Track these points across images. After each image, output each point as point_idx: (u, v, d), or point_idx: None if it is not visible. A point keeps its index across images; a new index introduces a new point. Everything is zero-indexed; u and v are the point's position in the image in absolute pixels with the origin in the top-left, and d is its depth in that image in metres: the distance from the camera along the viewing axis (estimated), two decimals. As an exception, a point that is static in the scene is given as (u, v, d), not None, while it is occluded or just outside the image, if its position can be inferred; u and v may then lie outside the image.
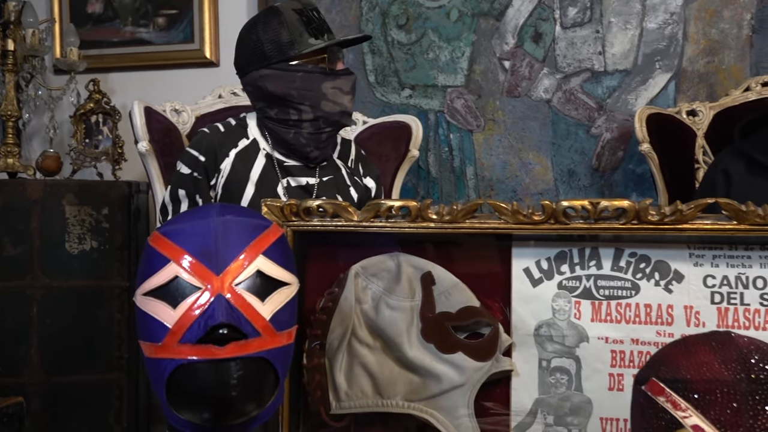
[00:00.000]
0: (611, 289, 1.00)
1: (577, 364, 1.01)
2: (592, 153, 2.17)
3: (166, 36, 2.49)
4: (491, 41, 2.20)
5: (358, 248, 1.09)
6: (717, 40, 2.07)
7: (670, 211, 0.93)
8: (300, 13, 1.34)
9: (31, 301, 2.07)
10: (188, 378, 0.71)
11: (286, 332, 0.76)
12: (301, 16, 1.34)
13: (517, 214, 0.98)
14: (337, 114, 1.34)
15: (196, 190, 1.38)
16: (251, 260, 0.74)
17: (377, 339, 1.07)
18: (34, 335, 2.07)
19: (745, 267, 0.96)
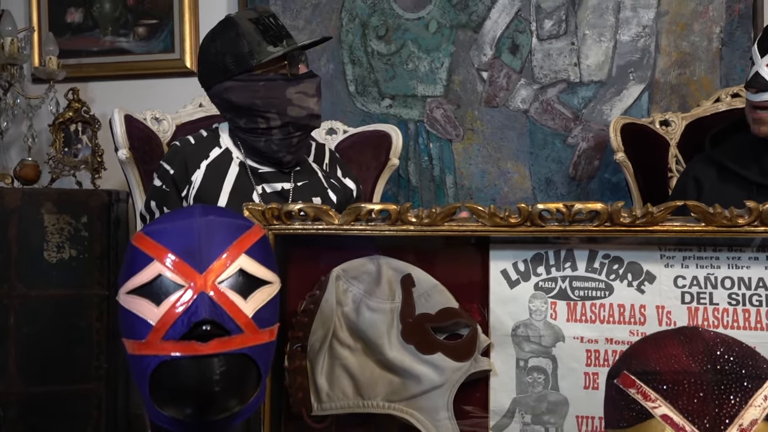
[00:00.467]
0: (586, 289, 1.03)
1: (554, 363, 1.03)
2: (568, 162, 2.21)
3: (146, 45, 2.49)
4: (469, 52, 2.25)
5: (339, 251, 1.11)
6: (688, 53, 2.13)
7: (641, 213, 0.97)
8: (256, 22, 1.35)
9: (9, 310, 2.05)
10: (171, 374, 0.72)
11: (268, 329, 0.78)
12: (257, 25, 1.34)
13: (494, 217, 1.01)
14: (305, 118, 1.36)
15: (164, 203, 1.40)
16: (234, 259, 0.76)
17: (358, 341, 1.09)
18: (11, 344, 2.04)
19: (714, 268, 0.99)
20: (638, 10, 2.15)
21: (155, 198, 1.42)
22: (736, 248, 0.99)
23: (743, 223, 0.94)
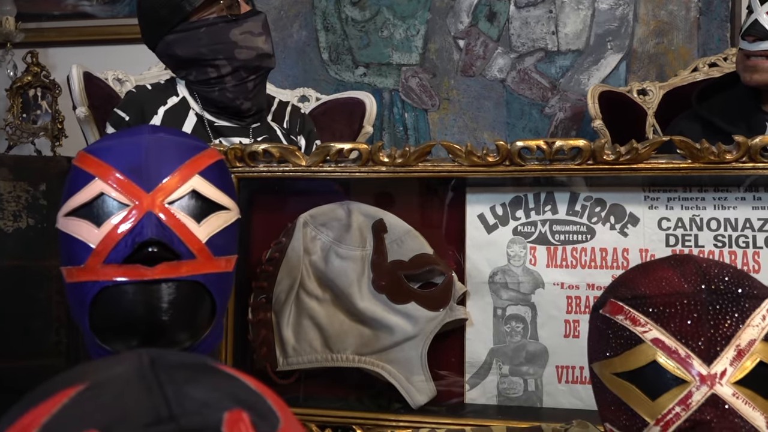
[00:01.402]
0: (567, 233, 0.97)
1: (533, 311, 0.98)
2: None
3: (110, 10, 2.39)
4: (446, 20, 2.19)
5: (307, 196, 1.04)
6: (666, 22, 2.10)
7: (625, 150, 0.92)
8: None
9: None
10: (114, 302, 0.65)
11: (225, 258, 0.70)
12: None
13: (471, 156, 0.95)
14: (256, 59, 1.28)
15: None
16: (186, 179, 0.68)
17: (326, 291, 1.02)
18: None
19: (700, 209, 0.94)
20: (617, -23, 2.12)
21: None
22: (722, 188, 0.94)
23: (731, 159, 0.89)
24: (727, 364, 0.57)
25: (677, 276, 0.63)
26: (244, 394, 0.37)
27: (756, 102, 1.36)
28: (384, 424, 0.96)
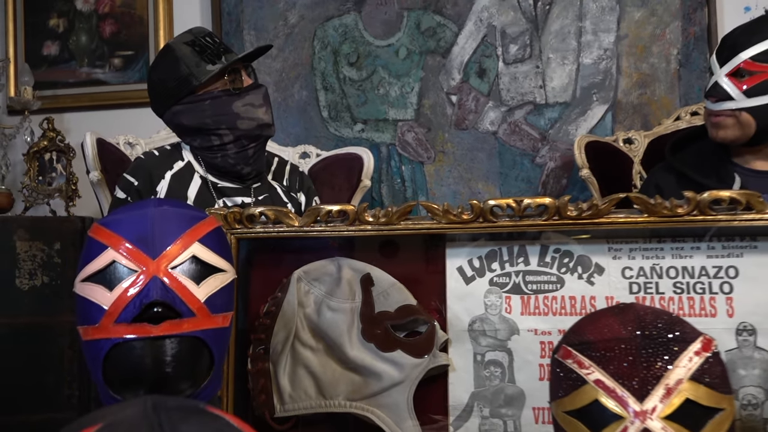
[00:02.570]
0: (538, 283, 1.07)
1: (510, 356, 1.06)
2: (537, 181, 2.28)
3: (122, 76, 2.56)
4: (438, 77, 2.33)
5: (300, 254, 1.14)
6: (648, 74, 2.23)
7: (587, 206, 1.02)
8: (192, 44, 1.40)
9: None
10: (124, 356, 0.75)
11: (222, 315, 0.81)
12: (194, 47, 1.40)
13: (448, 214, 1.06)
14: (256, 128, 1.40)
15: None
16: (186, 246, 0.80)
17: (320, 341, 1.12)
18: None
19: (659, 258, 1.04)
20: (599, 34, 2.26)
21: None
22: (678, 239, 1.04)
23: (683, 212, 0.99)
24: (657, 401, 0.66)
25: (617, 323, 0.72)
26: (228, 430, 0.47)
27: (725, 154, 1.46)
28: (374, 467, 1.04)
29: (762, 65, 1.34)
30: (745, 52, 1.35)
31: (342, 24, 2.38)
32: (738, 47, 1.35)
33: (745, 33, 1.37)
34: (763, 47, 1.34)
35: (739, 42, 1.36)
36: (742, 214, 0.98)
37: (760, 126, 1.36)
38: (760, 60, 1.34)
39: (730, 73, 1.36)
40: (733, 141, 1.41)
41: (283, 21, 2.41)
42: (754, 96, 1.33)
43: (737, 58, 1.35)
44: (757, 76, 1.34)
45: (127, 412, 0.48)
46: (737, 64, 1.36)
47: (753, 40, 1.34)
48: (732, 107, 1.35)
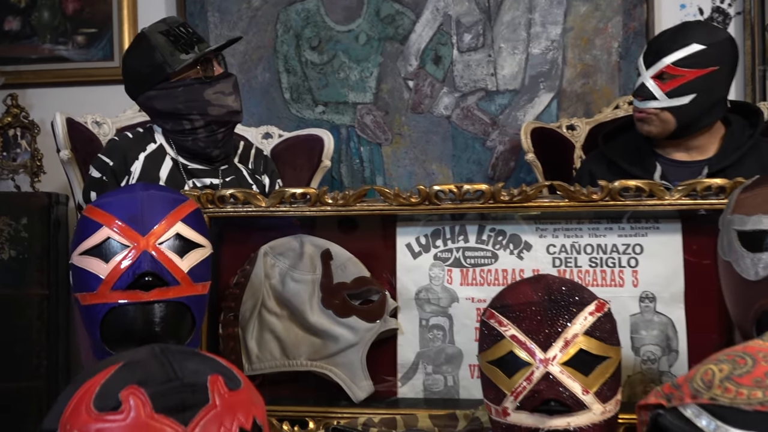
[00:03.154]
0: (476, 258, 1.25)
1: (450, 321, 1.24)
2: (487, 163, 2.46)
3: (85, 53, 2.62)
4: (396, 63, 2.47)
5: (266, 231, 1.29)
6: (591, 65, 2.42)
7: (517, 192, 1.19)
8: (167, 34, 1.51)
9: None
10: (119, 318, 0.89)
11: (201, 284, 0.96)
12: (168, 36, 1.51)
13: (398, 198, 1.22)
14: (226, 115, 1.53)
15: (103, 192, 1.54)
16: (171, 225, 0.94)
17: (284, 308, 1.27)
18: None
19: (578, 237, 1.23)
20: (547, 26, 2.43)
21: (94, 188, 1.56)
22: (594, 220, 1.22)
23: (597, 198, 1.17)
24: (558, 351, 0.84)
25: (530, 290, 0.90)
26: (219, 367, 0.63)
27: (649, 145, 1.66)
28: (331, 416, 1.21)
29: (682, 70, 1.53)
30: (668, 58, 1.53)
31: (304, 9, 2.50)
32: (662, 53, 1.54)
33: (669, 40, 1.56)
34: (684, 54, 1.52)
35: (664, 48, 1.54)
36: (647, 200, 1.17)
37: (679, 123, 1.56)
38: (681, 65, 1.53)
39: (654, 76, 1.55)
40: (656, 135, 1.60)
41: (246, 4, 2.51)
42: (674, 97, 1.53)
43: (661, 62, 1.54)
44: (677, 80, 1.53)
45: (140, 354, 0.63)
46: (661, 68, 1.54)
47: (675, 47, 1.53)
48: (655, 106, 1.54)
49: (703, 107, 1.53)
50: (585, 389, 0.83)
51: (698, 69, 1.51)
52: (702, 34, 1.54)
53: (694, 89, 1.51)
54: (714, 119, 1.58)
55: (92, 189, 1.57)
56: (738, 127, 1.59)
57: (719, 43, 1.54)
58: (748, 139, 1.56)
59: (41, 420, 1.86)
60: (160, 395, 0.56)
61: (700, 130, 1.58)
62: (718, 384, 0.56)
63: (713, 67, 1.51)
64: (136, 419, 0.54)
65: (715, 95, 1.54)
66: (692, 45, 1.51)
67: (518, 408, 0.85)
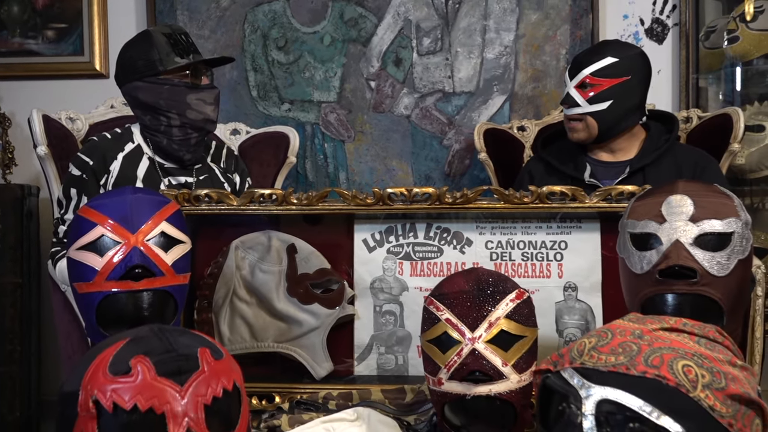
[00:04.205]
0: (424, 252, 1.44)
1: (401, 307, 1.44)
2: (444, 161, 2.66)
3: (56, 48, 2.72)
4: (359, 64, 2.65)
5: (237, 227, 1.47)
6: (541, 70, 2.63)
7: (459, 195, 1.39)
8: (168, 36, 1.68)
9: (-75, 298, 2.24)
10: (112, 305, 1.06)
11: (183, 275, 1.13)
12: (169, 39, 1.67)
13: (356, 199, 1.40)
14: (202, 121, 1.68)
15: (83, 189, 1.69)
16: (157, 224, 1.11)
17: (253, 296, 1.45)
18: (-72, 329, 2.24)
19: (512, 234, 1.43)
20: (501, 32, 2.63)
21: (74, 185, 1.70)
22: (527, 220, 1.43)
23: (528, 201, 1.38)
24: (483, 332, 1.04)
25: (463, 280, 1.10)
26: (206, 341, 0.81)
27: (581, 149, 1.88)
28: (295, 391, 1.40)
29: (600, 79, 1.75)
30: (587, 69, 1.75)
31: (271, 10, 2.65)
32: (582, 65, 1.76)
33: (588, 54, 1.79)
34: (600, 65, 1.75)
35: (584, 61, 1.76)
36: (570, 204, 1.38)
37: (601, 127, 1.78)
38: (598, 75, 1.75)
39: (577, 86, 1.76)
40: (585, 140, 1.82)
41: (215, 4, 2.65)
42: (594, 103, 1.74)
43: (581, 73, 1.76)
44: (596, 88, 1.75)
45: (142, 332, 0.80)
46: (582, 78, 1.76)
47: (593, 59, 1.75)
48: (579, 112, 1.76)
49: (619, 112, 1.76)
50: (504, 362, 1.03)
51: (613, 78, 1.73)
52: (615, 49, 1.77)
53: (610, 96, 1.73)
54: (631, 123, 1.80)
55: (72, 186, 1.70)
56: (656, 132, 1.83)
57: (630, 56, 1.77)
58: (665, 142, 1.79)
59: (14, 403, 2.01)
60: (161, 363, 0.73)
61: (621, 133, 1.80)
62: (586, 353, 0.76)
63: (626, 76, 1.74)
64: (143, 381, 0.72)
65: (629, 102, 1.77)
66: (607, 58, 1.74)
67: (450, 378, 1.04)
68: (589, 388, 0.72)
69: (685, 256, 1.00)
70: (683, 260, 0.99)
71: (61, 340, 1.87)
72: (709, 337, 0.76)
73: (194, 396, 0.72)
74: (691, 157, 1.80)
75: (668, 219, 1.03)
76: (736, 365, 0.74)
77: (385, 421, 1.18)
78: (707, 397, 0.69)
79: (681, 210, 1.02)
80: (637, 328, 0.76)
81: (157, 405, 0.70)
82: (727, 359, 0.74)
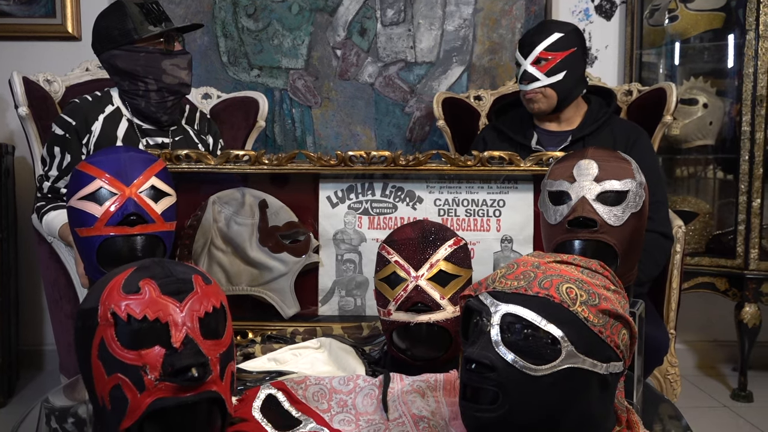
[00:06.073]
0: (380, 208, 1.67)
1: (360, 256, 1.67)
2: (406, 127, 2.88)
3: (27, 9, 2.84)
4: (326, 33, 2.83)
5: (214, 184, 1.67)
6: (497, 42, 2.85)
7: (412, 158, 1.62)
8: (141, 6, 1.85)
9: None
10: (110, 247, 1.27)
11: (170, 223, 1.34)
12: (142, 9, 1.84)
13: (320, 160, 1.62)
14: (177, 85, 1.87)
15: (66, 148, 1.87)
16: (148, 178, 1.31)
17: (228, 246, 1.66)
18: None
19: (458, 193, 1.67)
20: (460, 5, 2.84)
21: (58, 144, 1.88)
22: (470, 181, 1.67)
23: (471, 164, 1.61)
24: (425, 271, 1.28)
25: (410, 229, 1.33)
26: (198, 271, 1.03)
27: (531, 119, 2.12)
28: (266, 328, 1.63)
29: (552, 53, 1.98)
30: (540, 46, 1.98)
31: (241, -22, 2.80)
32: (534, 43, 1.98)
33: (537, 33, 2.01)
34: (551, 40, 1.98)
35: (535, 40, 1.99)
36: (507, 167, 1.62)
37: (560, 96, 2.01)
38: (550, 50, 1.98)
39: (533, 62, 1.99)
40: (544, 111, 2.05)
41: (186, -30, 2.79)
42: (552, 75, 1.97)
43: (535, 50, 1.98)
44: (550, 62, 1.98)
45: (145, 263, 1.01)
46: (536, 54, 1.99)
47: (543, 37, 1.98)
48: (540, 85, 1.99)
49: (572, 81, 1.99)
50: (442, 296, 1.28)
51: (563, 51, 1.96)
52: (558, 25, 2.01)
53: (564, 67, 1.97)
54: (579, 93, 2.04)
55: (56, 144, 1.88)
56: (596, 105, 2.07)
57: (571, 30, 2.01)
58: (604, 115, 2.04)
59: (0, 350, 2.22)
60: (164, 284, 0.95)
61: (573, 101, 2.03)
62: (497, 280, 0.99)
63: (572, 48, 1.98)
64: (150, 297, 0.93)
65: (578, 70, 2.02)
66: (554, 34, 1.97)
67: (397, 309, 1.28)
68: (497, 305, 0.96)
69: (589, 209, 1.24)
70: (587, 212, 1.24)
71: (47, 287, 2.06)
72: (591, 268, 1.01)
73: (190, 310, 0.94)
74: (626, 130, 2.05)
75: (577, 179, 1.28)
76: (609, 289, 0.99)
77: (345, 348, 1.42)
78: (583, 311, 0.94)
79: (588, 172, 1.27)
80: (536, 261, 1.00)
81: (162, 316, 0.92)
82: (603, 285, 0.99)
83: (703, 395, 2.76)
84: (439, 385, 1.19)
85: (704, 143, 2.76)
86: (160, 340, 0.91)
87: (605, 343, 0.95)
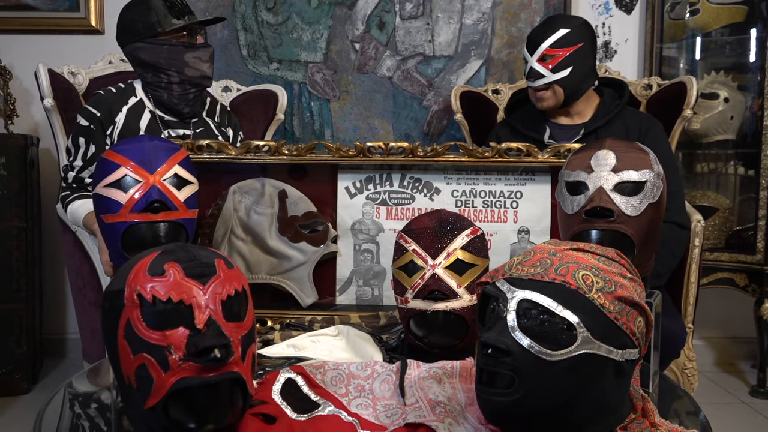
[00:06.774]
0: (398, 199, 1.69)
1: (377, 246, 1.69)
2: (423, 121, 2.89)
3: (52, 3, 2.90)
4: (345, 26, 2.86)
5: (235, 174, 1.70)
6: (516, 36, 2.86)
7: (430, 149, 1.63)
8: (164, 0, 1.88)
9: (-61, 238, 2.46)
10: (135, 233, 1.30)
11: (192, 210, 1.37)
12: (165, 2, 1.88)
13: (339, 151, 1.64)
14: (199, 78, 1.90)
15: (91, 138, 1.91)
16: (171, 167, 1.34)
17: (248, 235, 1.69)
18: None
19: (475, 184, 1.68)
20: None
21: (82, 135, 1.92)
22: (488, 172, 1.68)
23: (489, 156, 1.62)
24: (442, 260, 1.30)
25: (428, 219, 1.35)
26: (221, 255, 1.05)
27: (543, 114, 2.12)
28: (285, 317, 1.65)
29: (558, 50, 1.98)
30: (545, 43, 1.98)
31: (261, -28, 2.83)
32: (539, 40, 1.99)
33: (542, 30, 2.02)
34: (556, 37, 1.98)
35: (540, 37, 2.00)
36: (525, 159, 1.63)
37: (566, 92, 2.01)
38: (556, 46, 1.98)
39: (538, 59, 2.00)
40: (553, 107, 2.06)
41: (207, -36, 2.82)
42: (557, 71, 1.98)
43: (540, 48, 1.99)
44: (556, 58, 1.98)
45: (169, 247, 1.04)
46: (542, 51, 1.99)
47: (548, 33, 1.99)
48: (545, 82, 2.00)
49: (579, 76, 2.00)
50: (459, 285, 1.29)
51: (568, 47, 1.97)
52: (564, 21, 2.01)
53: (569, 63, 1.97)
54: (588, 86, 2.04)
55: (81, 135, 1.92)
56: (608, 98, 2.08)
57: (579, 25, 2.00)
58: (616, 107, 2.04)
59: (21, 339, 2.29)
60: (188, 268, 0.98)
61: (582, 95, 2.04)
62: (514, 267, 1.01)
63: (579, 44, 1.97)
64: (175, 280, 0.96)
65: (586, 65, 2.01)
66: (560, 30, 1.97)
67: (414, 297, 1.30)
68: (513, 291, 0.98)
69: (606, 199, 1.25)
70: (604, 202, 1.25)
71: (71, 274, 2.11)
72: (608, 256, 1.02)
73: (213, 293, 0.97)
74: (638, 120, 2.05)
75: (595, 169, 1.29)
76: (626, 277, 1.00)
77: (362, 336, 1.44)
78: (599, 298, 0.95)
79: (606, 162, 1.28)
80: (552, 248, 1.02)
81: (186, 298, 0.95)
82: (619, 272, 1.00)
83: (721, 391, 2.76)
84: (455, 371, 1.20)
85: (725, 138, 2.75)
86: (185, 321, 0.94)
87: (621, 329, 0.97)
